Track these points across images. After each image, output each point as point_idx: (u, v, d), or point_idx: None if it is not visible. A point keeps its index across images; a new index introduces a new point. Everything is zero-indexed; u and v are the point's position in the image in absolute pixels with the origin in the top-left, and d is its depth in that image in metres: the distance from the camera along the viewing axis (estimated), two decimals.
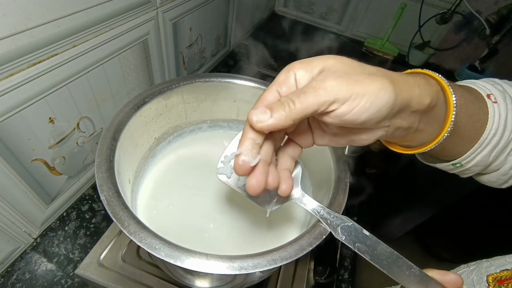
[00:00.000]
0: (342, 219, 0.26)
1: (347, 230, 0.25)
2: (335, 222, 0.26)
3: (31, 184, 0.39)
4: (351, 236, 0.25)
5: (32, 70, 0.33)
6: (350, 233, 0.25)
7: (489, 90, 0.26)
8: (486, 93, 0.26)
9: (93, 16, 0.37)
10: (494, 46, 0.90)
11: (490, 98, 0.25)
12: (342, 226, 0.25)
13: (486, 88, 0.26)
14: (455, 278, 0.22)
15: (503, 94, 0.26)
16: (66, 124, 0.41)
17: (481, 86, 0.26)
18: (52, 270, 0.42)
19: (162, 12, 0.51)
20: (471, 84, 0.27)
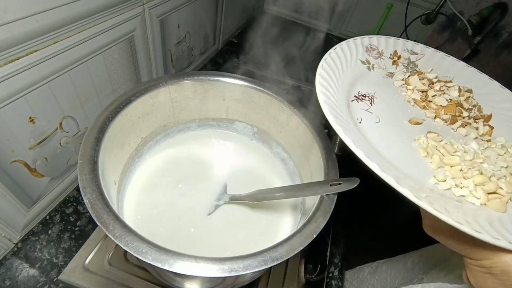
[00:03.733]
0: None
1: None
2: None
3: (10, 186, 0.37)
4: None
5: (9, 67, 0.31)
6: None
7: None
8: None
9: (75, 11, 0.36)
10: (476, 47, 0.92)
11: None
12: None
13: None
14: None
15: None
16: (47, 124, 0.39)
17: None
18: (35, 276, 0.40)
19: (148, 8, 0.49)
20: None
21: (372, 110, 0.28)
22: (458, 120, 0.29)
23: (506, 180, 0.23)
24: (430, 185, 0.23)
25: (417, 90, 0.31)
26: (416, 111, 0.29)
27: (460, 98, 0.30)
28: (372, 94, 0.29)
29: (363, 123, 0.26)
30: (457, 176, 0.23)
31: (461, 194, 0.22)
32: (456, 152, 0.25)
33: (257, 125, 0.49)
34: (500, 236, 0.18)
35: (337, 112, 0.24)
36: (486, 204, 0.22)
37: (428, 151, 0.25)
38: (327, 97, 0.25)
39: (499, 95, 0.32)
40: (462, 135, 0.28)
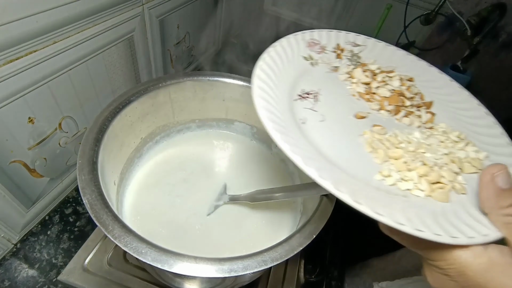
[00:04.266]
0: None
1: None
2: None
3: (9, 187, 0.37)
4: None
5: (9, 67, 0.31)
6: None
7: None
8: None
9: (75, 11, 0.36)
10: (475, 47, 0.93)
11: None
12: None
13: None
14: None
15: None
16: (47, 124, 0.39)
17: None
18: (34, 277, 0.40)
19: (148, 8, 0.49)
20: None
21: (317, 108, 0.27)
22: (402, 110, 0.28)
23: (448, 168, 0.23)
24: (375, 182, 0.22)
25: (361, 83, 0.30)
26: (361, 105, 0.29)
27: (402, 87, 0.30)
28: (316, 91, 0.29)
29: (308, 123, 0.26)
30: (402, 169, 0.23)
31: (406, 188, 0.22)
32: (400, 143, 0.25)
33: (257, 125, 0.49)
34: (442, 232, 0.18)
35: (277, 116, 0.23)
36: (431, 196, 0.22)
37: (373, 145, 0.25)
38: (266, 101, 0.24)
39: (438, 81, 0.33)
40: (406, 124, 0.28)
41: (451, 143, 0.26)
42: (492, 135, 0.27)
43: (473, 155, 0.25)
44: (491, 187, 0.16)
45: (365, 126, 0.27)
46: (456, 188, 0.22)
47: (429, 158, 0.23)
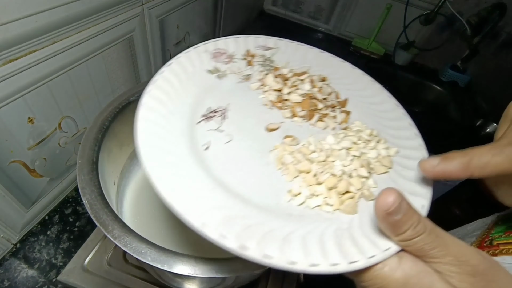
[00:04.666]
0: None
1: None
2: None
3: (9, 187, 0.37)
4: None
5: (8, 67, 0.31)
6: None
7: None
8: None
9: (75, 11, 0.36)
10: (474, 47, 0.93)
11: None
12: None
13: None
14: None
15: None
16: (46, 124, 0.39)
17: None
18: (34, 277, 0.40)
19: (148, 8, 0.49)
20: None
21: (224, 127, 0.25)
22: (315, 114, 0.27)
23: (357, 174, 0.22)
24: (284, 205, 0.21)
25: (272, 90, 0.28)
26: (274, 114, 0.27)
27: (314, 89, 0.28)
28: (224, 107, 0.26)
29: (212, 147, 0.23)
30: (312, 183, 0.22)
31: (316, 205, 0.21)
32: (312, 153, 0.23)
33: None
34: (341, 258, 0.17)
35: (166, 151, 0.21)
36: (340, 209, 0.21)
37: (282, 161, 0.23)
38: (153, 134, 0.21)
39: (351, 76, 0.32)
40: (321, 129, 0.27)
41: (363, 143, 0.25)
42: (402, 128, 0.27)
43: (384, 153, 0.24)
44: (386, 222, 0.17)
45: (277, 139, 0.25)
46: (365, 195, 0.22)
47: (338, 167, 0.22)
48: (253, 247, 0.17)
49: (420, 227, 0.16)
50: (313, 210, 0.21)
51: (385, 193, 0.16)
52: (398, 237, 0.17)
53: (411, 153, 0.25)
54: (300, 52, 0.32)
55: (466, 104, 0.96)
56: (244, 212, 0.19)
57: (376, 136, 0.26)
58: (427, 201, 0.21)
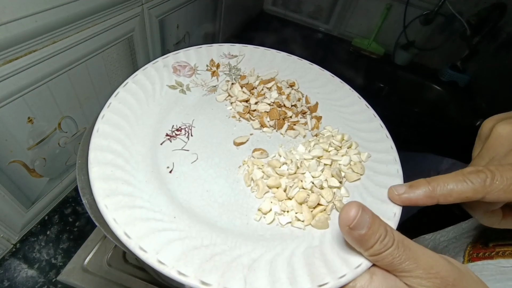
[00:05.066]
0: None
1: None
2: None
3: (8, 187, 0.37)
4: None
5: (8, 67, 0.31)
6: None
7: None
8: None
9: (74, 11, 0.36)
10: (474, 47, 0.93)
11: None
12: None
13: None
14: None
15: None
16: (46, 124, 0.39)
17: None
18: (33, 277, 0.40)
19: (147, 8, 0.49)
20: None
21: (189, 145, 0.23)
22: (285, 123, 0.26)
23: (328, 185, 0.22)
24: (253, 226, 0.20)
25: (239, 101, 0.27)
26: (243, 126, 0.26)
27: (282, 97, 0.28)
28: (190, 124, 0.25)
29: (176, 169, 0.22)
30: (282, 198, 0.21)
31: (287, 222, 0.20)
32: (283, 165, 0.23)
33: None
34: (310, 283, 0.16)
35: (124, 181, 0.20)
36: (311, 225, 0.20)
37: (252, 177, 0.22)
38: (111, 165, 0.20)
39: (320, 79, 0.31)
40: (292, 137, 0.26)
41: (334, 149, 0.24)
42: (373, 130, 0.27)
43: (356, 158, 0.24)
44: (351, 237, 0.16)
45: (245, 153, 0.24)
46: (337, 206, 0.21)
47: (308, 179, 0.21)
48: (215, 282, 0.16)
49: (387, 240, 0.16)
50: (285, 227, 0.20)
51: (346, 207, 0.16)
52: (366, 252, 0.17)
53: (383, 157, 0.24)
54: (266, 57, 0.31)
55: (465, 104, 0.96)
56: (209, 240, 0.18)
57: (347, 141, 0.25)
58: (399, 209, 0.21)
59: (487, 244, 0.25)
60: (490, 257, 0.24)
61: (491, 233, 0.26)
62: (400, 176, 0.23)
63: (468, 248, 0.26)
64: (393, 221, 0.20)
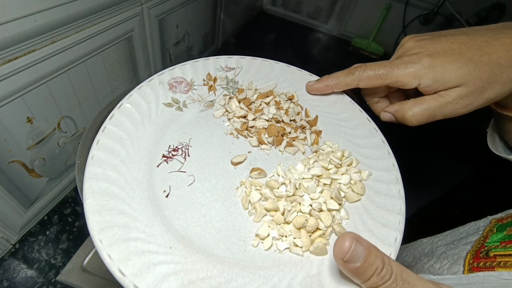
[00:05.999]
0: None
1: None
2: None
3: (7, 187, 0.37)
4: None
5: (7, 67, 0.31)
6: None
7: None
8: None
9: (74, 11, 0.35)
10: None
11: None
12: None
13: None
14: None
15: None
16: (45, 124, 0.39)
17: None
18: (33, 277, 0.40)
19: (147, 8, 0.49)
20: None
21: (186, 167, 0.23)
22: (284, 139, 0.26)
23: (327, 208, 0.21)
24: (250, 252, 0.19)
25: (237, 117, 0.26)
26: (240, 144, 0.25)
27: (280, 112, 0.27)
28: (186, 143, 0.24)
29: (172, 193, 0.21)
30: (280, 222, 0.20)
31: (285, 248, 0.19)
32: (281, 185, 0.22)
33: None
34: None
35: (118, 210, 0.19)
36: (310, 251, 0.20)
37: (249, 199, 0.21)
38: (106, 195, 0.19)
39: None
40: (290, 154, 0.25)
41: (334, 168, 0.24)
42: (374, 146, 0.26)
43: (356, 177, 0.23)
44: (346, 269, 0.16)
45: (243, 172, 0.23)
46: (336, 231, 0.21)
47: (307, 203, 0.21)
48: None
49: (385, 273, 0.15)
50: (283, 254, 0.20)
51: (340, 239, 0.15)
52: (363, 284, 0.16)
53: (384, 175, 0.24)
54: (264, 69, 0.30)
55: None
56: (205, 272, 0.18)
57: (347, 157, 0.25)
58: (400, 233, 0.20)
59: (488, 254, 0.25)
60: (492, 267, 0.23)
61: (491, 243, 0.25)
62: (402, 197, 0.22)
63: (467, 256, 0.26)
64: (394, 247, 0.20)
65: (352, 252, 0.15)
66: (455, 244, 0.29)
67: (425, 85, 0.22)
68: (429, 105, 0.23)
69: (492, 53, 0.21)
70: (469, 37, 0.22)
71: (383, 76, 0.24)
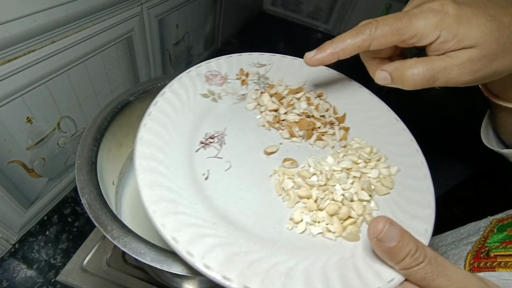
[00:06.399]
0: None
1: None
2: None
3: (7, 187, 0.37)
4: None
5: (7, 67, 0.31)
6: None
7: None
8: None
9: (74, 10, 0.35)
10: None
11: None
12: None
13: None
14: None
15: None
16: (45, 124, 0.39)
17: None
18: (32, 277, 0.40)
19: (147, 8, 0.49)
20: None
21: (222, 153, 0.24)
22: (314, 133, 0.27)
23: (358, 198, 0.22)
24: (286, 234, 0.20)
25: (269, 111, 0.28)
26: (272, 135, 0.26)
27: (311, 107, 0.28)
28: (222, 132, 0.25)
29: (211, 176, 0.23)
30: (313, 209, 0.21)
31: (318, 232, 0.21)
32: (313, 175, 0.23)
33: None
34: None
35: (167, 188, 0.20)
36: (342, 236, 0.21)
37: (283, 186, 0.23)
38: (154, 173, 0.21)
39: (348, 90, 0.31)
40: (320, 148, 0.26)
41: (363, 162, 0.24)
42: (403, 144, 0.26)
43: (385, 172, 0.24)
44: (380, 249, 0.17)
45: (276, 162, 0.24)
46: (367, 220, 0.21)
47: (339, 192, 0.22)
48: (256, 286, 0.17)
49: (418, 255, 0.16)
50: (316, 238, 0.21)
51: (375, 220, 0.16)
52: (397, 265, 0.16)
53: (413, 172, 0.24)
54: (294, 67, 0.31)
55: (465, 104, 0.96)
56: (247, 247, 0.19)
57: (376, 153, 0.25)
58: (430, 226, 0.21)
59: (489, 254, 0.25)
60: (492, 267, 0.23)
61: (491, 243, 0.25)
62: (432, 193, 0.23)
63: (468, 256, 0.26)
64: (425, 237, 0.20)
65: (386, 232, 0.16)
66: (456, 245, 0.29)
67: (442, 39, 0.19)
68: (433, 65, 0.19)
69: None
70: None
71: (401, 31, 0.20)
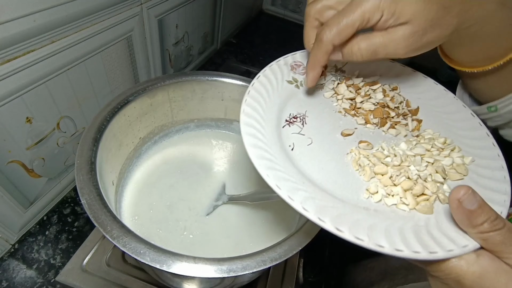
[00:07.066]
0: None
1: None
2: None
3: (7, 187, 0.37)
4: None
5: (6, 67, 0.31)
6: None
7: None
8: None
9: (73, 10, 0.35)
10: None
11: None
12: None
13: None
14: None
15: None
16: (45, 124, 0.39)
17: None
18: (32, 277, 0.40)
19: (147, 8, 0.49)
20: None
21: (304, 131, 0.28)
22: (387, 122, 0.29)
23: (432, 179, 0.23)
24: (363, 201, 0.23)
25: (346, 99, 0.30)
26: (348, 121, 0.29)
27: (386, 98, 0.30)
28: (303, 114, 0.29)
29: (296, 148, 0.26)
30: (388, 184, 0.23)
31: (392, 203, 0.22)
32: (386, 157, 0.25)
33: None
34: (421, 248, 0.18)
35: (265, 150, 0.24)
36: (416, 209, 0.22)
37: (359, 163, 0.25)
38: (254, 137, 0.24)
39: (423, 86, 0.33)
40: (393, 135, 0.28)
41: (436, 150, 0.26)
42: (478, 138, 0.27)
43: (459, 161, 0.25)
44: (460, 212, 0.17)
45: (352, 143, 0.27)
46: (440, 198, 0.22)
47: (413, 171, 0.23)
48: (346, 230, 0.19)
49: (497, 222, 0.16)
50: (390, 208, 0.22)
51: (457, 186, 0.17)
52: (475, 229, 0.17)
53: (488, 163, 0.25)
54: (371, 63, 0.33)
55: None
56: (332, 204, 0.22)
57: (450, 144, 0.26)
58: (506, 209, 0.21)
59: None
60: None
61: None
62: (508, 182, 0.23)
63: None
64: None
65: (468, 196, 0.16)
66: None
67: (384, 18, 0.22)
68: (374, 40, 0.23)
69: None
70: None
71: (351, 24, 0.23)
